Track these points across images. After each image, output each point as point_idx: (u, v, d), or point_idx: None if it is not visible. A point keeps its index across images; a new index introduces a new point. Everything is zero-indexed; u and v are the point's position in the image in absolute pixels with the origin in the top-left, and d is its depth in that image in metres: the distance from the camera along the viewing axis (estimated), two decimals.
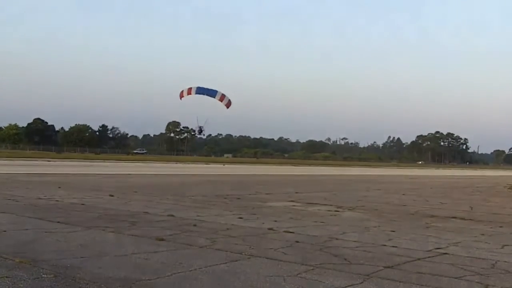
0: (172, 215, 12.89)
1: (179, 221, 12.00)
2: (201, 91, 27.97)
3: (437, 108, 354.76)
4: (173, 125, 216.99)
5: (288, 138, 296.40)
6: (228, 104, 28.66)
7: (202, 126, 31.42)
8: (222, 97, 28.40)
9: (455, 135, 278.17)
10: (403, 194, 24.62)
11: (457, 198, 23.74)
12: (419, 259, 8.35)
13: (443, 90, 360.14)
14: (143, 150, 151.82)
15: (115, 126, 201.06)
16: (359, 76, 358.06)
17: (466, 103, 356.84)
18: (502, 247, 9.87)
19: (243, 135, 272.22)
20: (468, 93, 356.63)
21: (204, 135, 32.98)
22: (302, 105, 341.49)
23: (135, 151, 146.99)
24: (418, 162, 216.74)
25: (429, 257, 8.57)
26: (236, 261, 7.77)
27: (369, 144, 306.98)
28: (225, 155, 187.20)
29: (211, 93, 28.14)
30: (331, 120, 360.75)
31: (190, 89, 28.23)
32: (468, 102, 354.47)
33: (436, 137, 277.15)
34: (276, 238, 9.99)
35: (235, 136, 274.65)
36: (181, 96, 28.45)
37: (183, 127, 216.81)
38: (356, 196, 22.42)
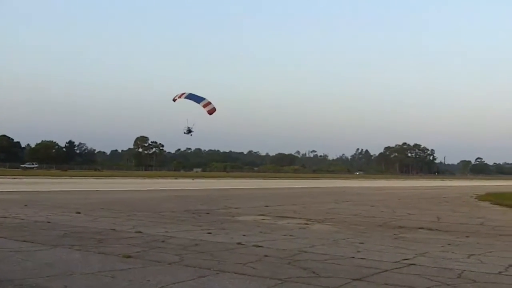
0: (140, 232, 12.76)
1: (147, 237, 11.87)
2: (190, 97, 30.48)
3: (404, 120, 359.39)
4: (141, 140, 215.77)
5: (258, 152, 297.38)
6: (211, 111, 30.36)
7: (191, 127, 33.18)
8: (206, 104, 30.29)
9: (422, 146, 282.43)
10: (372, 206, 24.81)
11: (425, 209, 24.00)
12: (387, 270, 8.40)
13: (410, 102, 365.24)
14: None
15: (82, 142, 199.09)
16: (328, 89, 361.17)
17: (432, 115, 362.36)
18: (469, 257, 9.99)
19: (213, 149, 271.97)
20: (434, 105, 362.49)
21: (191, 135, 34.01)
22: (271, 119, 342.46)
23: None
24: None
25: (396, 268, 8.63)
26: (205, 276, 7.72)
27: (338, 156, 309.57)
28: (195, 170, 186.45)
29: (198, 99, 30.36)
30: (300, 133, 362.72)
31: (183, 94, 30.67)
32: (435, 114, 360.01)
33: (404, 148, 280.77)
34: (245, 252, 9.96)
35: (204, 150, 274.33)
36: (174, 99, 31.00)
37: (151, 142, 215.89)
38: (325, 208, 22.50)
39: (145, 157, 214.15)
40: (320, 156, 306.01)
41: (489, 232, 14.71)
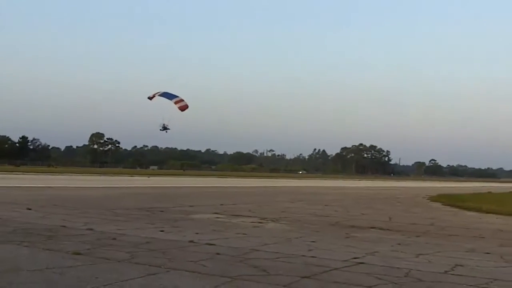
0: (92, 229, 12.59)
1: (98, 234, 11.73)
2: (164, 94, 32.04)
3: (361, 120, 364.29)
4: (96, 137, 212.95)
5: (216, 150, 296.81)
6: (183, 107, 31.65)
7: (167, 125, 34.71)
8: (178, 101, 31.63)
9: (378, 147, 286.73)
10: (326, 205, 25.05)
11: (378, 209, 24.37)
12: (336, 268, 8.51)
13: (366, 103, 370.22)
14: None
15: (35, 138, 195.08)
16: (286, 89, 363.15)
17: (388, 116, 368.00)
18: (417, 256, 10.19)
19: (170, 147, 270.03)
20: (390, 106, 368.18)
21: (166, 131, 35.40)
22: (230, 117, 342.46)
23: None
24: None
25: (346, 266, 8.75)
26: (154, 274, 7.67)
27: (296, 156, 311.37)
28: (151, 167, 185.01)
29: (171, 97, 31.87)
30: (258, 132, 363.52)
31: (157, 93, 32.14)
32: (391, 115, 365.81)
33: (360, 149, 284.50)
34: (197, 250, 9.93)
35: (161, 148, 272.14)
36: (150, 97, 32.22)
37: (107, 138, 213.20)
38: (280, 207, 22.62)
39: (100, 153, 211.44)
40: (278, 155, 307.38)
41: (438, 233, 15.03)
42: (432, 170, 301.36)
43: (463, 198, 34.83)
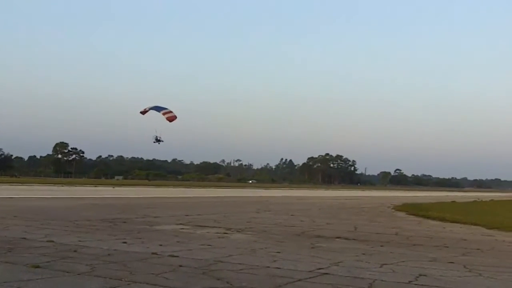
0: (52, 241, 12.29)
1: (59, 247, 11.45)
2: (154, 108, 34.26)
3: (327, 131, 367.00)
4: (60, 146, 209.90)
5: (182, 160, 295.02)
6: (170, 118, 33.66)
7: (160, 137, 36.79)
8: (166, 113, 33.74)
9: (344, 157, 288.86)
10: (292, 215, 25.01)
11: (343, 218, 24.43)
12: (300, 279, 8.43)
13: (333, 114, 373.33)
14: None
15: None
16: (252, 98, 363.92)
17: (354, 127, 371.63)
18: (381, 266, 10.18)
19: (136, 156, 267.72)
20: (356, 117, 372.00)
21: (159, 143, 37.29)
22: (196, 127, 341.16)
23: None
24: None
25: (310, 277, 8.67)
26: (114, 287, 7.48)
27: (263, 165, 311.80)
28: (116, 178, 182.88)
29: (160, 109, 34.08)
30: (225, 142, 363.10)
31: (148, 107, 34.51)
32: (357, 126, 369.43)
33: (326, 159, 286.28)
34: (160, 262, 9.75)
35: (127, 157, 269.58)
36: (142, 112, 34.54)
37: (71, 148, 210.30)
38: (246, 218, 22.48)
39: (64, 163, 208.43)
40: (245, 165, 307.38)
41: (403, 242, 15.09)
42: (397, 180, 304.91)
43: (427, 207, 35.23)
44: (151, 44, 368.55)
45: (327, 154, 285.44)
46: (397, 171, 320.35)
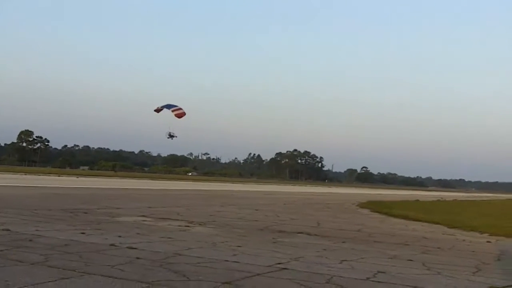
0: (8, 230, 11.98)
1: (14, 236, 11.15)
2: (166, 106, 36.33)
3: (295, 127, 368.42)
4: (25, 134, 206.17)
5: (150, 152, 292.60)
6: (179, 115, 35.59)
7: (173, 133, 38.58)
8: (175, 110, 35.80)
9: (311, 154, 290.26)
10: (256, 210, 24.95)
11: (307, 214, 24.48)
12: (258, 274, 8.34)
13: (301, 110, 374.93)
14: None
15: None
16: (222, 92, 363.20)
17: (322, 123, 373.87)
18: (341, 262, 10.16)
19: (102, 147, 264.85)
20: (324, 113, 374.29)
21: (172, 139, 38.99)
22: (165, 119, 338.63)
23: None
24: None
25: (269, 272, 8.59)
26: (68, 278, 7.29)
27: (231, 160, 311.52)
28: (81, 168, 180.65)
29: (170, 107, 36.16)
30: (193, 135, 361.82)
31: (162, 106, 36.65)
32: (325, 122, 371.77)
33: (294, 155, 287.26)
34: (117, 254, 9.55)
35: (93, 148, 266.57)
36: (156, 110, 36.81)
37: (36, 136, 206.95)
38: (210, 211, 22.34)
39: (29, 152, 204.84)
40: (213, 159, 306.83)
41: (364, 239, 15.14)
42: (364, 177, 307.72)
43: (391, 205, 35.59)
44: (117, 34, 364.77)
45: (295, 150, 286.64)
46: (364, 169, 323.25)
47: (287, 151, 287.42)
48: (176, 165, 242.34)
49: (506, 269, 10.75)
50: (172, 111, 35.75)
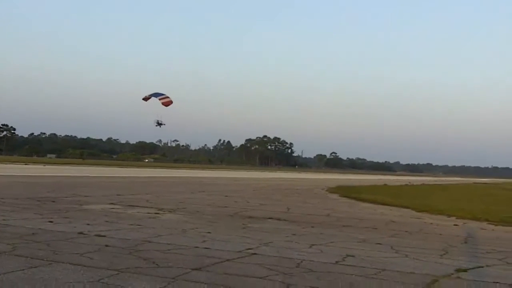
0: None
1: None
2: (154, 94, 37.98)
3: (265, 113, 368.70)
4: None
5: (118, 139, 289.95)
6: (166, 103, 37.29)
7: (161, 121, 40.55)
8: (162, 98, 37.44)
9: (281, 140, 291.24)
10: (226, 196, 24.95)
11: (277, 200, 24.57)
12: (228, 260, 8.35)
13: (270, 96, 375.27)
14: None
15: None
16: (189, 79, 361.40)
17: (292, 109, 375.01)
18: (310, 247, 10.23)
19: (69, 134, 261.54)
20: (294, 100, 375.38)
21: (160, 127, 41.01)
22: (133, 105, 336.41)
23: None
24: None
25: (239, 257, 8.61)
26: (36, 267, 7.21)
27: (200, 146, 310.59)
28: (48, 156, 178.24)
29: (158, 95, 37.84)
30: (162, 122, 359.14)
31: (150, 94, 38.34)
32: (294, 108, 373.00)
33: (264, 141, 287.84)
34: (85, 242, 9.47)
35: (60, 135, 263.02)
36: (144, 99, 38.17)
37: (1, 124, 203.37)
38: (179, 198, 22.26)
39: None
40: (182, 145, 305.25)
41: (334, 223, 15.26)
42: (333, 163, 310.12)
43: (360, 190, 35.97)
44: (92, 24, 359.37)
45: (265, 136, 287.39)
46: (333, 154, 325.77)
47: (257, 137, 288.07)
48: (144, 152, 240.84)
49: (473, 252, 10.95)
50: (160, 99, 37.15)
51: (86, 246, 9.00)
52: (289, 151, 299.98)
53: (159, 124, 40.55)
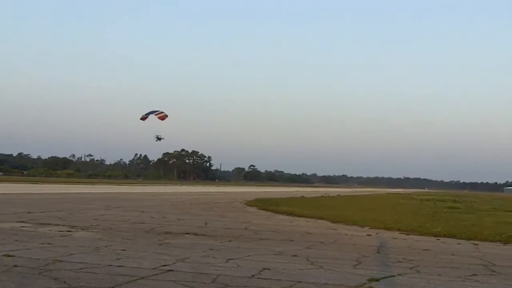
0: None
1: None
2: (150, 112, 39.67)
3: (183, 126, 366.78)
4: None
5: (29, 154, 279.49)
6: (162, 117, 39.01)
7: (160, 135, 41.70)
8: (158, 113, 39.22)
9: (199, 153, 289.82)
10: (142, 212, 24.50)
11: (195, 214, 24.38)
12: (143, 277, 8.20)
13: (188, 109, 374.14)
14: None
15: None
16: (101, 93, 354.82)
17: (209, 123, 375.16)
18: (227, 261, 10.20)
19: None
20: (211, 113, 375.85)
21: (160, 141, 41.91)
22: (43, 119, 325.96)
23: None
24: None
25: (154, 275, 8.47)
26: None
27: (116, 161, 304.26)
28: None
29: (154, 112, 39.58)
30: (76, 136, 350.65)
31: (146, 113, 39.93)
32: (212, 122, 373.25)
33: (182, 154, 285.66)
34: None
35: None
36: (143, 118, 39.80)
37: None
38: (93, 214, 21.66)
39: None
40: (97, 160, 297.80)
41: (251, 236, 15.31)
42: (252, 176, 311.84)
43: (278, 202, 36.30)
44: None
45: (183, 149, 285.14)
46: (251, 167, 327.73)
47: (174, 151, 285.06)
48: (57, 168, 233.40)
49: (385, 261, 11.26)
50: (156, 115, 39.09)
51: None
52: (208, 164, 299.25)
53: (158, 138, 41.55)
